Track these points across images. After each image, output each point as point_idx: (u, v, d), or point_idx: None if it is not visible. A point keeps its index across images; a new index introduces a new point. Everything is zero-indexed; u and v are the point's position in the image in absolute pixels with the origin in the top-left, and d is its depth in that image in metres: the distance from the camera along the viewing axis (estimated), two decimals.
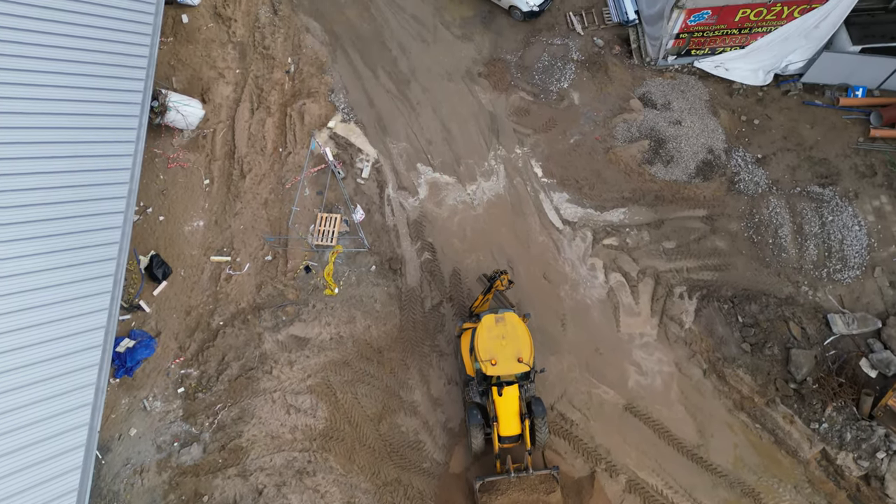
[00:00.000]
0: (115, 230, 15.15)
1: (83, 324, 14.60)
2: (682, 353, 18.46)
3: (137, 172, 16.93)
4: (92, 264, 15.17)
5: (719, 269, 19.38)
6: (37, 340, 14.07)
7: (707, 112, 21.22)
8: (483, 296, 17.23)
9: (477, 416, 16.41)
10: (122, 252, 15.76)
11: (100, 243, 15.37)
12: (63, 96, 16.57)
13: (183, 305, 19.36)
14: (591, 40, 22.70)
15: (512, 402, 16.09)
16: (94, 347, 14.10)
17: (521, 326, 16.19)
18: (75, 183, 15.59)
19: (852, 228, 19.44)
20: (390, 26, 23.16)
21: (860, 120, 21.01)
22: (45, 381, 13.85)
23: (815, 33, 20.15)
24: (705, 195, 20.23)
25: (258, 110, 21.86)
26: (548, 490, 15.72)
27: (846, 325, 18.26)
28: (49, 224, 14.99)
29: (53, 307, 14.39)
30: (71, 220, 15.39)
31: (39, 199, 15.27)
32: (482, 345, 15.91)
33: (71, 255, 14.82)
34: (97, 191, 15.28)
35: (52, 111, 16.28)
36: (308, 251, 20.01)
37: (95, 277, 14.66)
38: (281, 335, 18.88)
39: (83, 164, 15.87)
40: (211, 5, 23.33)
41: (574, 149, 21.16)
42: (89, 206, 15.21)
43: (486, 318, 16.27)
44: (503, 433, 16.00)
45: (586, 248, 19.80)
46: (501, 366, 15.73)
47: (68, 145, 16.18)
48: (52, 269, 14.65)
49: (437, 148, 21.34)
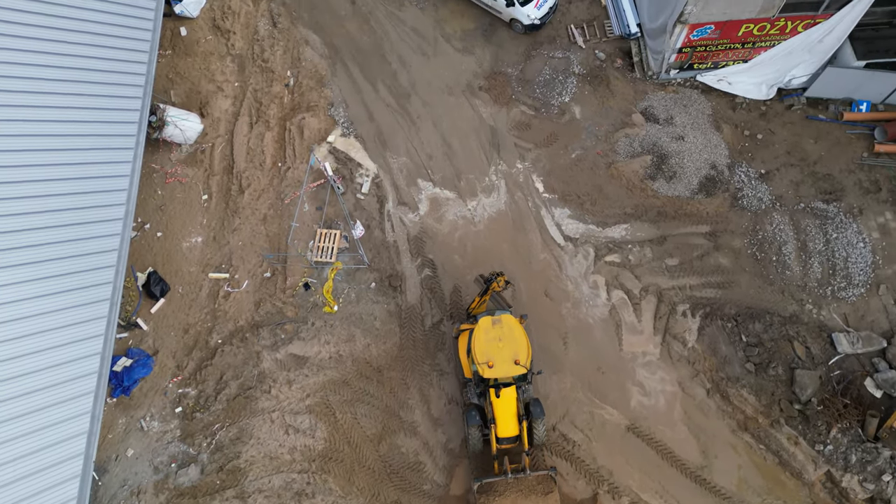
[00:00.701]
0: (111, 253, 14.96)
1: (77, 351, 14.43)
2: (685, 373, 18.27)
3: (135, 191, 16.72)
4: (87, 289, 14.97)
5: (722, 287, 19.19)
6: (32, 369, 13.84)
7: (710, 127, 21.03)
8: (480, 297, 17.17)
9: (475, 416, 16.37)
10: (119, 274, 15.55)
11: (95, 267, 15.16)
12: (58, 115, 16.32)
13: (181, 323, 19.16)
14: (592, 53, 22.51)
15: (509, 403, 16.09)
16: (89, 375, 13.93)
17: (518, 328, 16.18)
18: (70, 204, 15.34)
19: (857, 245, 19.25)
20: (390, 39, 22.97)
21: (864, 135, 20.82)
22: (38, 410, 13.61)
23: (819, 48, 19.95)
24: (708, 211, 20.04)
25: (257, 124, 21.67)
26: (545, 491, 15.77)
27: (851, 345, 18.06)
28: (43, 248, 14.72)
29: (48, 334, 14.18)
30: (66, 245, 15.07)
31: (33, 220, 14.99)
32: (479, 347, 15.92)
33: (66, 279, 14.59)
34: (93, 213, 15.06)
35: (46, 128, 16.02)
36: (307, 268, 19.81)
37: (90, 303, 14.48)
38: (280, 354, 18.68)
39: (79, 186, 15.66)
40: (210, 18, 23.14)
41: (576, 164, 20.97)
42: (84, 230, 14.99)
43: (482, 321, 16.25)
44: (501, 434, 15.99)
45: (588, 264, 19.61)
46: (498, 368, 15.75)
47: (63, 164, 15.89)
48: (47, 294, 14.42)
49: (438, 163, 21.16)
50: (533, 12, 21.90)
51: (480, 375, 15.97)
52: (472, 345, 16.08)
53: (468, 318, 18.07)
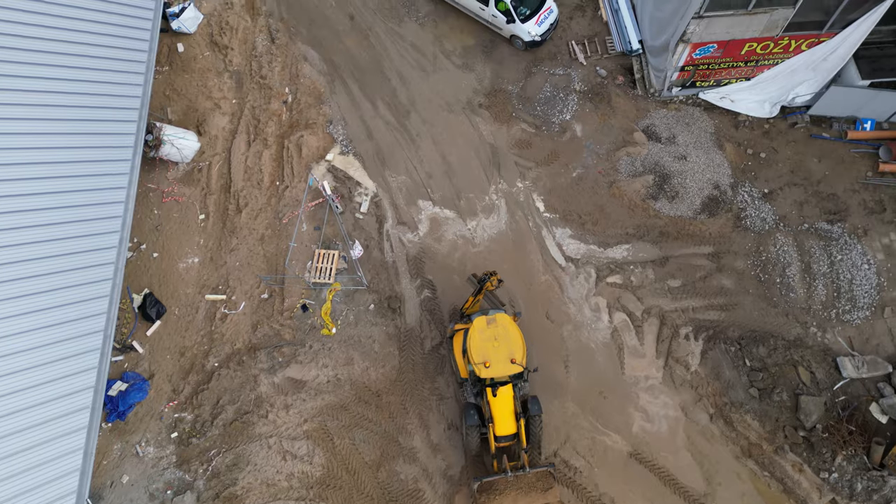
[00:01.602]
0: (106, 282, 14.63)
1: (70, 386, 14.06)
2: (688, 397, 18.03)
3: (130, 212, 16.37)
4: (80, 321, 14.59)
5: (726, 309, 18.95)
6: (21, 406, 13.57)
7: (712, 145, 20.80)
8: (473, 297, 17.10)
9: (473, 416, 16.38)
10: (113, 303, 15.19)
11: (89, 298, 14.77)
12: (52, 133, 15.96)
13: (177, 346, 18.92)
14: (593, 70, 22.29)
15: (507, 402, 16.13)
16: (82, 409, 13.65)
17: (513, 326, 16.25)
18: (65, 229, 15.04)
19: (861, 267, 19.01)
20: (389, 55, 22.74)
21: (869, 154, 20.59)
22: (30, 448, 13.38)
23: (824, 66, 19.73)
24: (711, 232, 19.80)
25: (255, 142, 21.44)
26: (545, 487, 15.79)
27: (856, 369, 17.82)
28: (33, 280, 14.35)
29: (38, 370, 13.86)
30: (57, 276, 14.60)
31: (26, 241, 14.66)
32: (475, 347, 15.97)
33: (58, 312, 14.24)
34: (87, 240, 14.74)
35: (39, 146, 15.65)
36: (305, 289, 19.57)
37: (84, 335, 14.15)
38: (277, 377, 18.44)
39: (72, 207, 15.32)
40: (207, 33, 22.92)
41: (576, 183, 20.74)
42: (77, 258, 14.66)
43: (477, 320, 16.27)
44: (499, 433, 16.00)
45: (590, 286, 19.37)
46: (495, 368, 15.81)
47: (57, 184, 15.49)
48: (39, 329, 14.11)
49: (437, 181, 20.92)
50: (534, 29, 21.67)
51: (477, 375, 15.97)
52: (467, 345, 16.15)
53: (462, 317, 18.05)
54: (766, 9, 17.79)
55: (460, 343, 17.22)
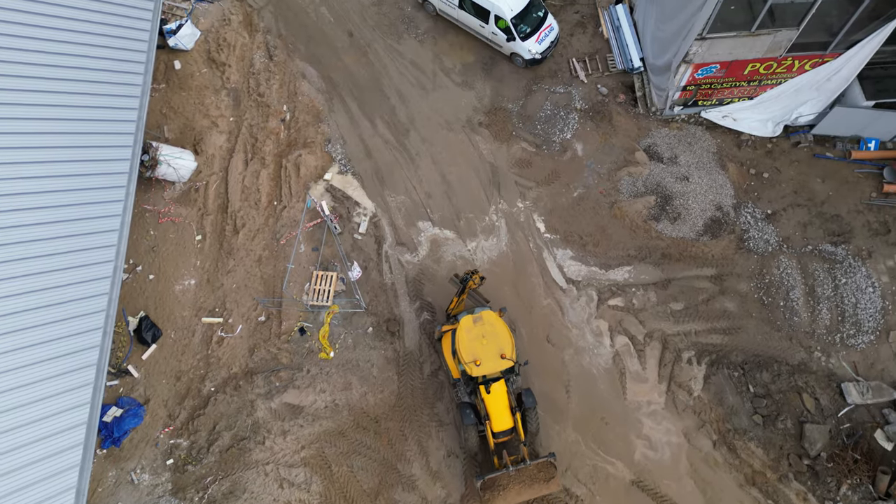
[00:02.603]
0: (101, 312, 14.37)
1: (62, 423, 13.83)
2: (690, 423, 17.79)
3: (126, 233, 16.02)
4: (75, 338, 14.39)
5: (729, 333, 18.72)
6: (17, 424, 13.41)
7: (715, 165, 20.58)
8: (458, 297, 17.20)
9: (470, 415, 16.52)
10: (109, 320, 14.90)
11: (82, 331, 14.51)
12: (46, 155, 15.64)
13: (173, 370, 18.68)
14: (594, 88, 22.06)
15: (501, 397, 16.33)
16: (74, 447, 13.40)
17: (500, 322, 16.44)
18: (55, 260, 14.72)
19: (866, 290, 18.78)
20: (389, 73, 22.51)
21: (873, 174, 20.37)
22: (24, 466, 13.18)
23: (828, 86, 19.50)
24: (714, 254, 19.57)
25: (252, 161, 21.21)
26: (547, 477, 15.97)
27: (860, 395, 17.59)
28: (26, 297, 14.14)
29: (34, 386, 13.66)
30: (52, 291, 14.44)
31: (18, 267, 14.45)
32: (464, 347, 16.11)
33: (51, 329, 14.04)
34: (82, 271, 14.46)
35: (32, 169, 15.32)
36: (303, 311, 19.33)
37: (76, 369, 13.89)
38: (274, 403, 18.19)
39: (67, 229, 15.02)
40: (204, 50, 22.70)
41: (577, 203, 20.51)
42: (73, 285, 14.41)
43: (463, 320, 16.42)
44: (496, 429, 16.18)
45: (591, 309, 19.13)
46: (485, 365, 15.96)
47: (51, 206, 15.19)
48: (31, 345, 13.88)
49: (437, 201, 20.69)
50: (534, 47, 21.44)
51: (469, 374, 16.07)
52: (456, 345, 16.27)
53: (448, 318, 18.08)
54: (769, 30, 17.58)
55: (449, 344, 17.29)
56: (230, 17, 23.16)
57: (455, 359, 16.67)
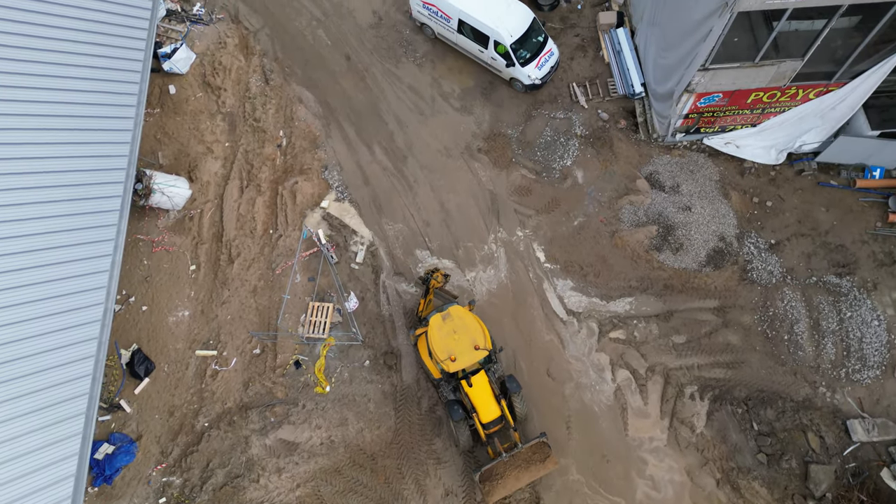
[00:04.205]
0: (90, 358, 14.02)
1: (53, 455, 13.55)
2: (693, 461, 17.46)
3: (118, 264, 15.69)
4: (66, 384, 14.08)
5: (732, 367, 18.39)
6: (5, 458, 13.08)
7: (718, 194, 20.26)
8: (424, 299, 17.36)
9: (458, 411, 16.68)
10: (98, 366, 14.63)
11: (75, 359, 14.26)
12: (35, 182, 15.31)
13: (166, 405, 18.34)
14: (595, 113, 21.74)
15: (484, 388, 16.58)
16: (65, 478, 13.04)
17: (468, 315, 16.63)
18: (46, 297, 14.42)
19: (871, 324, 18.46)
20: (387, 98, 22.19)
21: (878, 203, 20.05)
22: None
23: (832, 115, 19.19)
24: (716, 285, 19.25)
25: (248, 188, 20.88)
26: (542, 457, 16.24)
27: (866, 433, 17.27)
28: (13, 345, 13.83)
29: (23, 438, 13.32)
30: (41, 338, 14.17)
31: (8, 300, 14.14)
32: (437, 345, 16.24)
33: (41, 393, 13.70)
34: (70, 315, 14.12)
35: (20, 197, 14.97)
36: (298, 344, 19.00)
37: (64, 419, 13.54)
38: (269, 439, 17.86)
39: (56, 263, 14.68)
40: (200, 73, 22.37)
41: (578, 232, 20.19)
42: (63, 330, 14.07)
43: (433, 320, 16.59)
44: (485, 420, 16.39)
45: (592, 342, 18.81)
46: (461, 359, 16.09)
47: (40, 238, 14.85)
48: (19, 396, 13.56)
49: (435, 230, 20.36)
50: (534, 73, 21.12)
51: (448, 372, 16.18)
52: (430, 345, 16.35)
53: (420, 321, 18.10)
54: (773, 61, 17.28)
55: (424, 347, 17.43)
56: (226, 39, 22.85)
57: (432, 359, 16.80)
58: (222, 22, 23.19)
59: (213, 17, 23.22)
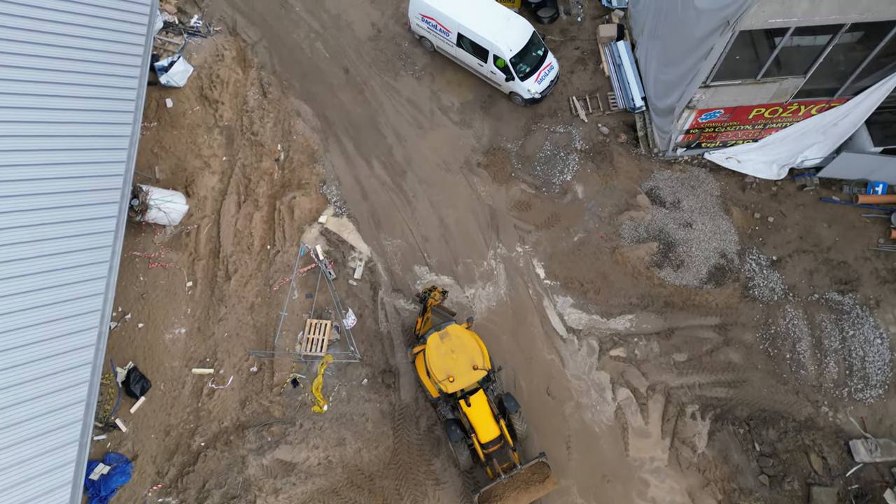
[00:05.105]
0: (84, 383, 13.80)
1: (46, 481, 13.34)
2: (695, 482, 17.28)
3: (114, 281, 15.37)
4: (59, 411, 13.85)
5: (734, 386, 18.22)
6: None
7: (719, 210, 20.09)
8: (421, 317, 17.19)
9: (456, 431, 16.45)
10: (93, 391, 14.42)
11: (68, 384, 14.03)
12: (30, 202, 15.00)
13: (162, 424, 18.16)
14: (595, 127, 21.58)
15: (482, 408, 16.37)
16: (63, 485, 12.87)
17: (466, 334, 16.47)
18: (41, 316, 14.18)
19: (874, 342, 18.30)
20: (385, 111, 22.02)
21: (880, 219, 19.89)
22: None
23: (834, 131, 19.04)
24: (718, 302, 19.08)
25: (245, 203, 20.70)
26: (542, 477, 16.06)
27: (869, 453, 17.10)
28: (9, 353, 13.62)
29: (14, 468, 13.11)
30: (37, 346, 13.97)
31: None
32: (435, 365, 16.08)
33: (35, 405, 13.52)
34: (63, 340, 13.90)
35: (14, 218, 14.62)
36: (296, 362, 18.81)
37: (61, 426, 13.32)
38: (266, 459, 17.67)
39: (49, 296, 14.46)
40: (197, 87, 22.20)
41: (578, 248, 20.02)
42: (55, 356, 13.86)
43: (430, 339, 16.41)
44: (483, 440, 16.20)
45: (592, 360, 18.64)
46: (460, 380, 15.97)
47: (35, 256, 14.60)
48: (14, 404, 13.33)
49: (434, 245, 20.19)
50: (533, 87, 20.96)
51: (446, 392, 16.03)
52: (427, 365, 16.17)
53: (418, 339, 17.87)
54: (775, 78, 17.13)
55: (422, 365, 17.17)
56: (223, 52, 22.68)
57: (430, 379, 16.64)
58: (220, 34, 23.03)
59: (211, 30, 23.06)
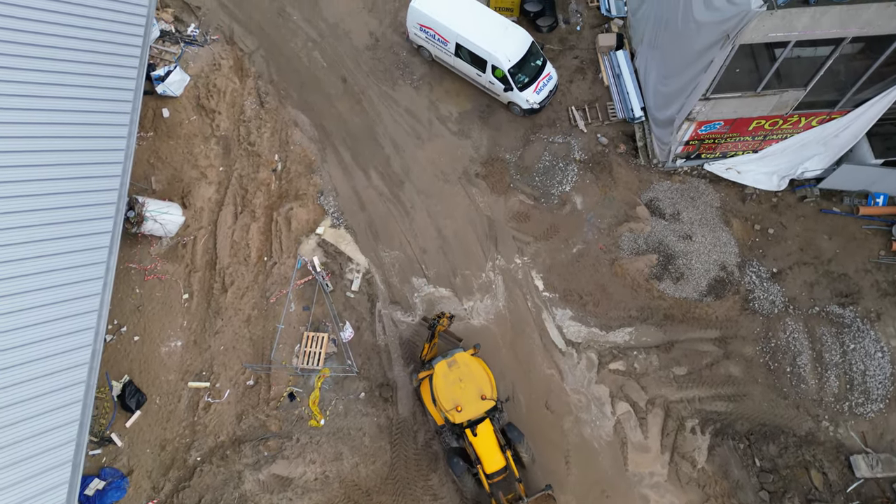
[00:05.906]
0: (78, 402, 13.66)
1: None
2: (695, 498, 17.15)
3: (108, 295, 15.22)
4: (52, 431, 13.72)
5: (734, 400, 18.09)
6: None
7: (719, 222, 19.95)
8: (429, 343, 16.90)
9: (459, 463, 16.25)
10: (89, 398, 14.20)
11: (62, 405, 13.90)
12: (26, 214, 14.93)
13: (158, 438, 18.02)
14: (594, 137, 21.45)
15: (489, 438, 16.05)
16: None
17: (475, 363, 16.28)
18: (34, 335, 14.05)
19: (875, 356, 18.17)
20: (383, 121, 21.89)
21: (881, 231, 19.76)
22: None
23: (835, 142, 18.91)
24: (718, 315, 18.95)
25: (242, 214, 20.56)
26: None
27: (870, 468, 16.98)
28: None
29: (6, 491, 12.99)
30: (30, 365, 13.86)
31: None
32: (442, 394, 15.95)
33: (30, 426, 13.39)
34: (59, 359, 13.76)
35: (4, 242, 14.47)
36: (293, 375, 18.68)
37: (52, 466, 13.20)
38: (262, 474, 17.54)
39: (43, 314, 14.35)
40: (194, 96, 22.07)
41: (577, 259, 19.88)
42: (51, 375, 13.71)
43: (438, 367, 16.25)
44: (489, 470, 15.88)
45: (591, 373, 18.50)
46: (467, 410, 15.82)
47: (31, 269, 14.47)
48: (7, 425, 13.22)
49: (432, 257, 20.05)
50: (532, 97, 20.83)
51: (452, 422, 15.84)
52: (434, 394, 16.04)
53: (423, 365, 17.60)
54: (775, 91, 17.00)
55: (428, 391, 16.91)
56: (220, 61, 22.55)
57: (436, 406, 16.43)
58: (217, 43, 22.89)
59: (208, 39, 22.93)
